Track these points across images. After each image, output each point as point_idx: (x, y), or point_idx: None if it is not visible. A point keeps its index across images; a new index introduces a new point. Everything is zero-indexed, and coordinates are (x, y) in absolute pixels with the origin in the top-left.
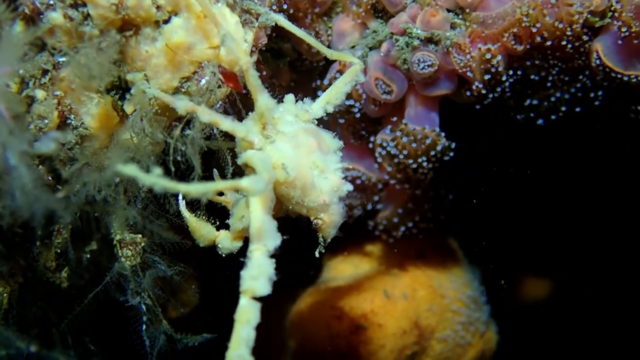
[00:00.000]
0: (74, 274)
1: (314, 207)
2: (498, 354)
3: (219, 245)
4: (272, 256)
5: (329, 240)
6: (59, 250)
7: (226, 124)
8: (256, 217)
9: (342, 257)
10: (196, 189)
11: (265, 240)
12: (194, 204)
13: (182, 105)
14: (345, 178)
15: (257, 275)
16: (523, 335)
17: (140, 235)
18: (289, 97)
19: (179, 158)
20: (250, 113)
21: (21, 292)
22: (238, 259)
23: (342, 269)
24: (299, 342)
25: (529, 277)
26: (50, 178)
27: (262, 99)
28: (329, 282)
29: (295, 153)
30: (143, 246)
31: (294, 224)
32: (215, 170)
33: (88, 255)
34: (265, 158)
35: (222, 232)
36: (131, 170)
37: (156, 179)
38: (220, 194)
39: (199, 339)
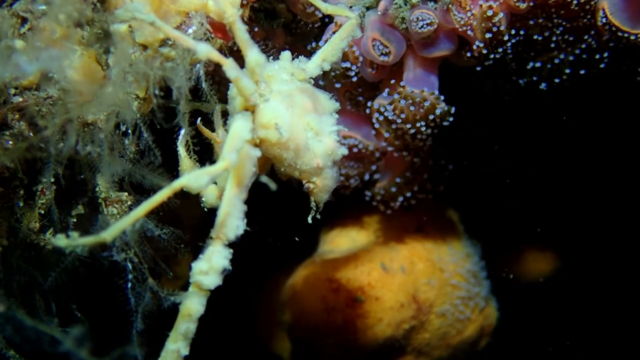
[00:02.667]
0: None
1: (306, 170)
2: (498, 330)
3: (202, 198)
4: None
5: (322, 205)
6: (42, 212)
7: (244, 82)
8: (226, 198)
9: (339, 229)
10: (114, 230)
11: (227, 229)
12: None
13: (204, 50)
14: (341, 143)
15: (207, 270)
16: (524, 311)
17: (126, 193)
18: (286, 54)
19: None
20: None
21: (5, 256)
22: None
23: (339, 242)
24: (294, 316)
25: (533, 252)
26: (31, 134)
27: (252, 54)
28: (325, 255)
29: (289, 113)
30: (130, 205)
31: (288, 196)
32: (218, 106)
33: (74, 220)
34: (240, 134)
35: (211, 185)
36: (60, 241)
37: (75, 242)
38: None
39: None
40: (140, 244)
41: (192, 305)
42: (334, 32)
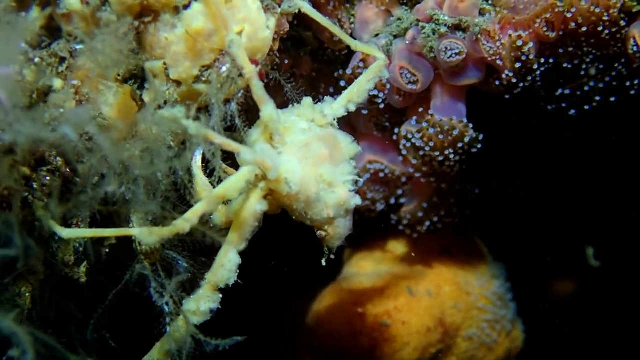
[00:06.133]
0: (93, 269)
1: (317, 219)
2: (524, 353)
3: (211, 217)
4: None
5: (335, 249)
6: (77, 245)
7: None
8: (224, 249)
9: (364, 252)
10: (73, 234)
11: (218, 279)
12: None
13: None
14: (369, 173)
15: (195, 311)
16: (549, 333)
17: None
18: (307, 101)
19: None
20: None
21: (42, 289)
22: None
23: (364, 265)
24: (321, 340)
25: (555, 273)
26: (68, 170)
27: (266, 110)
28: (350, 278)
29: (301, 166)
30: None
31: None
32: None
33: (107, 250)
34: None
35: (221, 206)
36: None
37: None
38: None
39: (228, 342)
40: (177, 289)
41: (179, 335)
42: (361, 60)
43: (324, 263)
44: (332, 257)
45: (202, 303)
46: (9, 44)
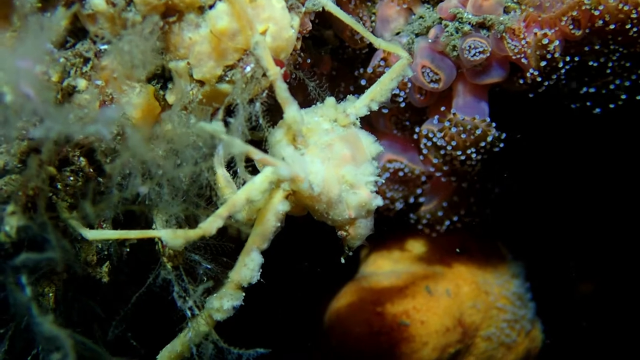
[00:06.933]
0: (115, 268)
1: (339, 220)
2: (543, 353)
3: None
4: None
5: (354, 248)
6: (99, 245)
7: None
8: (246, 248)
9: (382, 251)
10: (97, 235)
11: (240, 278)
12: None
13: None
14: (389, 172)
15: (219, 309)
16: (568, 333)
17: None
18: (330, 101)
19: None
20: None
21: (65, 289)
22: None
23: (382, 264)
24: (339, 339)
25: (575, 273)
26: (92, 170)
27: (289, 111)
28: (368, 277)
29: (323, 168)
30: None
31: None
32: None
33: (128, 249)
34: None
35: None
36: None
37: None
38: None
39: (252, 353)
40: (202, 294)
41: (201, 328)
42: (382, 59)
43: (343, 261)
44: (350, 254)
45: (226, 301)
46: (36, 42)
